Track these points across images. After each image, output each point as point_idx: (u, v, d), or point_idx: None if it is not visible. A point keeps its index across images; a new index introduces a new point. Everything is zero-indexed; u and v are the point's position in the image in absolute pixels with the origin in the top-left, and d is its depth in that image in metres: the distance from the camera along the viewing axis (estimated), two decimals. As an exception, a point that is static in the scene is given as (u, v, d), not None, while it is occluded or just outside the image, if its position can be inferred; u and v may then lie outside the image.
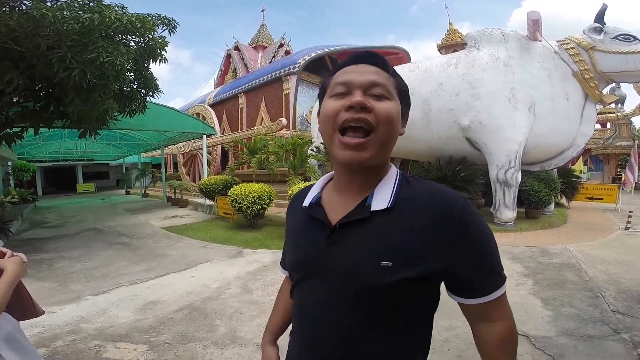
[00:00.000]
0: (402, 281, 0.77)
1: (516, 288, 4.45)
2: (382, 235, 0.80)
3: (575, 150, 8.43)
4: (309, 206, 0.94)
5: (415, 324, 0.85)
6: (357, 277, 0.80)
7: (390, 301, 0.79)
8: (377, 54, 0.87)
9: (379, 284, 0.77)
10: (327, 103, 0.85)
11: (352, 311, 0.81)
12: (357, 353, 0.82)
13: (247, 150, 12.11)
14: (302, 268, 0.92)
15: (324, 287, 0.85)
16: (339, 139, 0.82)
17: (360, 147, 0.79)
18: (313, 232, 0.90)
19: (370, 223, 0.82)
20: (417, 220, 0.80)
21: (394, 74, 0.86)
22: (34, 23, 5.49)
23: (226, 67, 25.03)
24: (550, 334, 3.26)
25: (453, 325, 3.41)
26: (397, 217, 0.81)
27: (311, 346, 0.88)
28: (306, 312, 0.90)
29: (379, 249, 0.79)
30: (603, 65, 7.72)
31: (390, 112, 0.80)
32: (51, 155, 23.37)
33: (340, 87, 0.83)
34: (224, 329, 3.50)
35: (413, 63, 10.38)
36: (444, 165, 9.07)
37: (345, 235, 0.83)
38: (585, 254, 5.95)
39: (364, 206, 0.84)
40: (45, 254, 7.02)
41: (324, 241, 0.85)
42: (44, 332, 3.53)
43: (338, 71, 0.87)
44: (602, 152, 23.18)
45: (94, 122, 7.19)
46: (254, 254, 6.45)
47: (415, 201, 0.83)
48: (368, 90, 0.81)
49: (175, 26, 7.38)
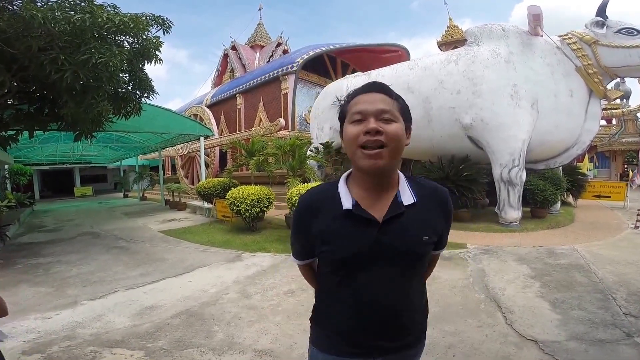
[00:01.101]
0: (431, 245, 1.20)
1: (523, 290, 4.32)
2: (417, 219, 1.15)
3: (580, 148, 8.26)
4: (353, 208, 1.14)
5: (424, 269, 1.29)
6: (408, 254, 1.14)
7: (421, 262, 1.21)
8: (383, 84, 1.15)
9: (421, 251, 1.17)
10: (349, 128, 1.12)
11: (404, 275, 1.17)
12: (410, 301, 1.21)
13: (245, 152, 12.00)
14: (354, 261, 1.14)
15: (379, 269, 1.14)
16: (361, 152, 1.08)
17: (377, 156, 1.07)
18: (361, 228, 1.13)
19: (405, 214, 1.14)
20: (433, 207, 1.21)
21: (396, 98, 1.15)
22: (24, 24, 5.41)
23: (223, 67, 24.89)
24: (559, 338, 3.14)
25: (458, 330, 3.33)
26: (421, 207, 1.17)
27: (374, 318, 1.16)
28: (365, 293, 1.15)
29: (419, 229, 1.15)
30: (606, 60, 7.57)
31: (397, 132, 1.09)
32: (48, 159, 23.31)
33: (357, 115, 1.10)
34: (222, 335, 3.43)
35: (412, 61, 10.26)
36: (446, 164, 8.96)
37: (392, 226, 1.12)
38: (594, 254, 5.80)
39: (398, 203, 1.15)
40: (42, 258, 6.99)
41: (374, 234, 1.11)
42: (39, 337, 3.50)
43: (353, 99, 1.15)
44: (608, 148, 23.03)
45: (88, 124, 7.10)
46: (253, 258, 6.34)
47: (426, 194, 1.20)
48: (379, 116, 1.08)
49: (170, 26, 7.28)
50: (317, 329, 1.28)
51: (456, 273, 4.99)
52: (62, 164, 26.87)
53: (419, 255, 1.16)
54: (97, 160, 27.93)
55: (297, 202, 1.27)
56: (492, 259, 5.68)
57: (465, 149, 8.83)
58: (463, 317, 3.62)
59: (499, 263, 5.44)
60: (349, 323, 1.17)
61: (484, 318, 3.59)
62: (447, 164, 8.94)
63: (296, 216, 1.28)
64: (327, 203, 1.18)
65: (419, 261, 1.18)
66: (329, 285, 1.23)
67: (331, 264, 1.19)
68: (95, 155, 24.96)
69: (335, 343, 1.20)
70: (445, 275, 4.87)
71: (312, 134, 13.03)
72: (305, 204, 1.24)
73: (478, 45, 8.56)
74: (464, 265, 5.39)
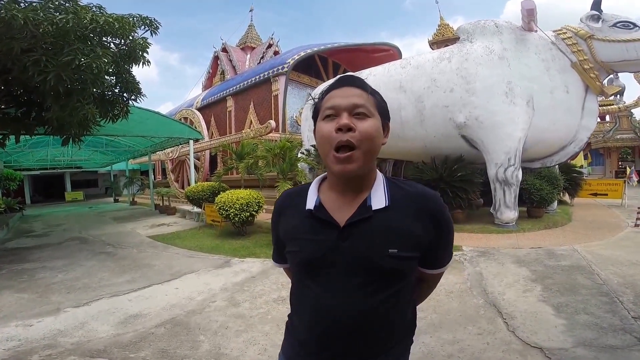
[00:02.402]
0: (404, 261, 1.00)
1: (524, 295, 4.16)
2: (385, 228, 1.00)
3: (577, 145, 8.17)
4: (314, 209, 1.06)
5: (407, 288, 1.08)
6: (369, 266, 0.99)
7: (393, 278, 1.02)
8: (358, 77, 1.07)
9: (386, 267, 0.99)
10: (321, 125, 1.04)
11: (366, 288, 1.00)
12: (374, 319, 1.01)
13: (234, 155, 11.82)
14: (312, 265, 1.05)
15: (336, 277, 1.01)
16: (333, 155, 0.99)
17: (347, 160, 0.97)
18: (320, 231, 1.04)
19: (373, 220, 1.00)
20: (410, 214, 1.02)
21: (372, 93, 1.06)
22: (5, 25, 5.24)
23: (214, 69, 24.70)
24: (566, 345, 2.98)
25: (457, 338, 3.18)
26: (394, 213, 1.01)
27: (323, 332, 1.02)
28: (320, 302, 1.03)
29: (385, 240, 0.99)
30: (602, 55, 7.47)
31: (370, 130, 0.99)
32: (38, 164, 23.12)
33: (330, 111, 1.01)
34: (208, 345, 3.28)
35: (404, 59, 10.12)
36: (439, 165, 8.82)
37: (353, 232, 1.00)
38: (595, 254, 5.67)
39: (366, 206, 1.02)
40: (28, 263, 6.87)
41: (333, 239, 1.01)
42: (19, 345, 3.41)
43: (327, 95, 1.06)
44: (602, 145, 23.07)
45: (75, 128, 6.94)
46: (242, 264, 6.17)
47: (405, 199, 1.04)
48: (352, 111, 0.99)
49: (157, 27, 7.14)
50: (286, 335, 1.20)
51: (452, 277, 4.84)
52: (52, 169, 26.73)
53: (384, 270, 0.99)
54: (88, 165, 27.78)
55: None
56: (489, 261, 5.55)
57: (459, 148, 8.68)
58: (462, 324, 3.46)
59: (497, 266, 5.30)
60: (307, 333, 1.07)
61: (484, 325, 3.43)
62: (441, 164, 8.81)
63: (272, 218, 1.26)
64: (296, 203, 1.14)
65: (386, 277, 1.01)
66: (295, 289, 1.16)
67: (295, 267, 1.13)
68: (85, 160, 24.84)
69: (297, 353, 1.11)
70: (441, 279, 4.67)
71: (303, 135, 12.87)
72: (277, 204, 1.23)
73: (471, 42, 8.42)
74: (460, 268, 5.24)
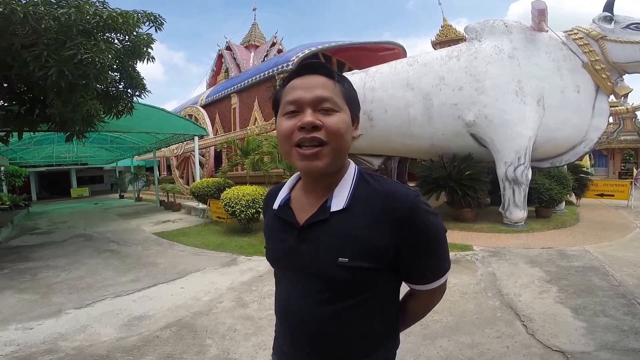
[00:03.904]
0: (358, 272, 0.86)
1: (540, 296, 4.05)
2: (340, 233, 0.88)
3: (587, 145, 8.02)
4: (277, 208, 1.02)
5: (374, 301, 0.93)
6: (320, 273, 0.90)
7: (351, 289, 0.89)
8: (321, 63, 0.92)
9: (338, 277, 0.87)
10: (281, 122, 0.90)
11: (321, 301, 0.91)
12: (331, 337, 0.92)
13: (240, 151, 11.72)
14: (276, 264, 1.04)
15: (297, 280, 0.96)
16: (296, 152, 0.87)
17: (314, 157, 0.85)
18: (283, 231, 0.98)
19: (329, 223, 0.90)
20: (371, 217, 0.87)
21: (340, 80, 0.91)
22: (4, 19, 5.15)
23: (218, 67, 24.55)
24: (588, 348, 2.89)
25: (476, 342, 3.07)
26: (352, 216, 0.88)
27: (290, 333, 0.99)
28: (284, 303, 1.00)
29: (337, 246, 0.88)
30: (614, 56, 7.39)
31: (339, 126, 0.86)
32: (44, 160, 23.20)
33: (291, 106, 0.88)
34: (216, 349, 3.16)
35: (412, 57, 9.97)
36: (447, 163, 8.69)
37: (311, 235, 0.92)
38: (608, 255, 5.54)
39: (325, 207, 0.92)
40: (31, 262, 6.79)
41: (294, 240, 0.94)
42: (18, 350, 3.29)
43: (287, 84, 0.92)
44: (606, 146, 22.82)
45: (78, 124, 6.86)
46: (249, 262, 6.06)
47: (369, 199, 0.90)
48: (317, 106, 0.86)
49: (162, 23, 7.07)
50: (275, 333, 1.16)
51: (465, 277, 4.73)
52: (58, 166, 26.89)
53: (336, 280, 0.88)
54: (93, 161, 27.93)
55: None
56: (501, 261, 5.43)
57: (468, 146, 8.57)
58: (480, 327, 3.35)
59: (509, 266, 5.18)
60: (281, 332, 1.05)
61: (502, 327, 3.33)
62: (449, 162, 8.68)
63: None
64: (272, 201, 1.08)
65: (342, 287, 0.89)
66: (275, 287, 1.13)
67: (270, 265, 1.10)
68: (91, 156, 24.93)
69: (276, 349, 1.10)
70: (454, 279, 4.59)
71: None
72: (264, 202, 1.20)
73: (479, 41, 8.31)
74: (472, 268, 5.13)
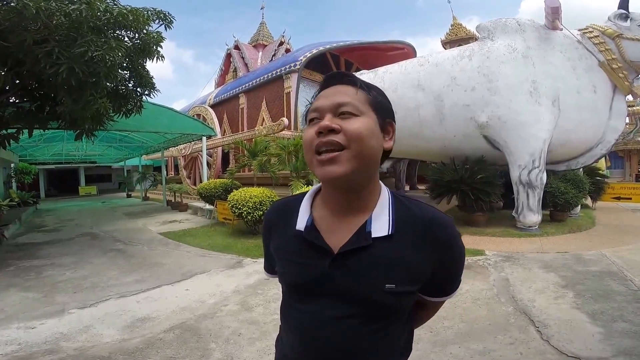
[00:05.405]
0: (405, 296, 0.89)
1: (556, 301, 3.93)
2: (385, 261, 0.86)
3: (604, 147, 7.79)
4: (304, 230, 0.93)
5: (402, 319, 0.95)
6: (363, 300, 0.86)
7: (390, 312, 0.89)
8: (346, 73, 0.92)
9: (385, 302, 0.86)
10: (305, 132, 0.90)
11: (353, 324, 0.87)
12: (362, 354, 0.89)
13: (247, 153, 11.67)
14: (302, 289, 0.94)
15: (327, 306, 0.89)
16: (315, 159, 0.86)
17: (331, 162, 0.82)
18: (311, 255, 0.91)
19: (372, 249, 0.86)
20: (413, 243, 0.87)
21: (365, 87, 0.89)
22: (17, 15, 5.18)
23: (226, 66, 24.60)
24: (605, 354, 2.80)
25: (488, 349, 2.97)
26: (396, 242, 0.86)
27: (315, 356, 0.91)
28: (309, 328, 0.92)
29: (383, 274, 0.85)
30: (632, 54, 7.15)
31: (359, 129, 0.83)
32: (53, 158, 23.36)
33: (314, 114, 0.89)
34: (219, 354, 3.08)
35: (422, 57, 9.82)
36: (459, 166, 8.52)
37: (348, 262, 0.86)
38: (626, 260, 5.39)
39: (364, 232, 0.87)
40: (36, 260, 6.78)
41: (325, 266, 0.88)
42: (19, 350, 3.25)
43: (316, 97, 0.92)
44: (622, 148, 22.41)
45: (88, 122, 6.85)
46: (255, 264, 5.97)
47: (411, 224, 0.88)
48: (336, 111, 0.85)
49: (172, 21, 7.08)
50: (276, 351, 1.11)
51: (478, 283, 4.60)
52: (67, 163, 27.10)
53: (379, 305, 0.87)
54: (102, 159, 28.21)
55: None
56: (515, 266, 5.29)
57: (480, 149, 8.38)
58: (492, 334, 3.26)
59: (523, 271, 5.05)
60: (293, 354, 0.98)
61: (515, 334, 3.23)
62: (461, 165, 8.52)
63: (262, 229, 1.15)
64: (286, 219, 1.00)
65: (379, 311, 0.88)
66: (284, 307, 1.04)
67: (283, 286, 1.03)
68: (99, 155, 25.15)
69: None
70: (466, 285, 4.47)
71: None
72: (267, 217, 1.11)
73: (492, 40, 8.13)
74: (485, 274, 5.00)
